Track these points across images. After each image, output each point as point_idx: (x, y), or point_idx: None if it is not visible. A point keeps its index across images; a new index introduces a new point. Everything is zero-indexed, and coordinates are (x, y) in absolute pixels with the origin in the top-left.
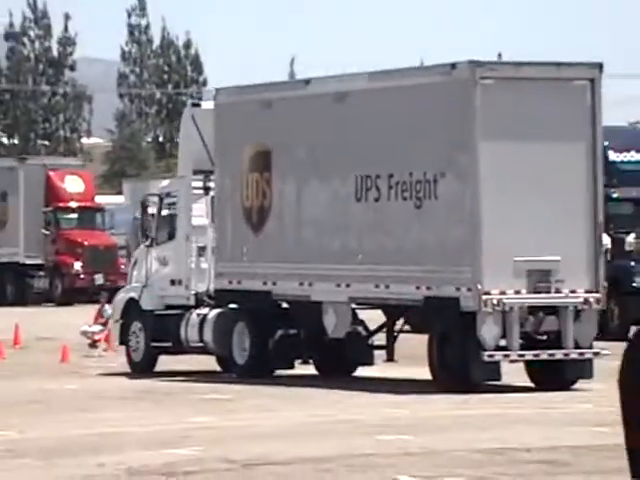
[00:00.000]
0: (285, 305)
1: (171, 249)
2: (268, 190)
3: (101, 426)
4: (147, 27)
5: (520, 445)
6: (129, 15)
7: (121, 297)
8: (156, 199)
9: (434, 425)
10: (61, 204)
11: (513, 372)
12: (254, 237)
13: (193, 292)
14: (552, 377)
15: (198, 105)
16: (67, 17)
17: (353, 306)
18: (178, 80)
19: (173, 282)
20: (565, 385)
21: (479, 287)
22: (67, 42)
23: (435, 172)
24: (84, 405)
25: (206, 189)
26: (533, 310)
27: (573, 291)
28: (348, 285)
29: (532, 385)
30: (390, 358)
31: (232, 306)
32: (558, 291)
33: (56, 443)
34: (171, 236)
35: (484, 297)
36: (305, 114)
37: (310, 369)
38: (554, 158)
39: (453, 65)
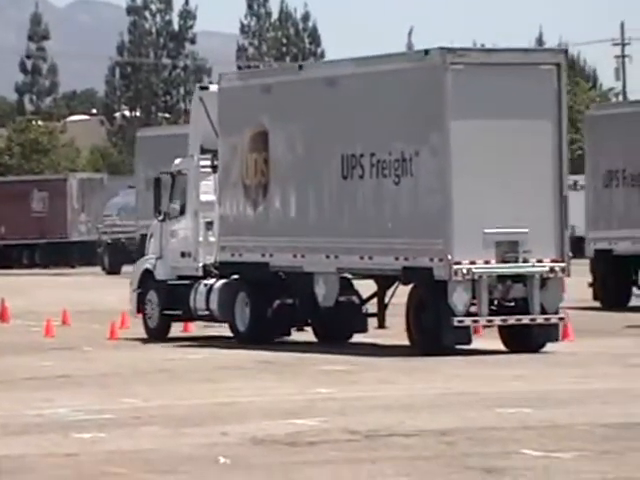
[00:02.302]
0: (282, 276)
1: (181, 223)
2: (265, 169)
3: (224, 396)
4: (266, 0)
5: None
6: None
7: (138, 268)
8: (168, 176)
9: (555, 399)
10: None
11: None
12: (253, 212)
13: (201, 264)
14: (522, 341)
15: (206, 88)
16: None
17: (349, 276)
18: (296, 53)
19: (183, 254)
20: (534, 348)
21: (450, 258)
22: (187, 15)
23: (411, 151)
24: (207, 375)
25: (214, 167)
26: (502, 279)
27: (540, 260)
28: (336, 257)
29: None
30: (381, 325)
31: (235, 277)
32: (525, 261)
33: (181, 412)
34: (182, 211)
35: (455, 267)
36: (299, 97)
37: (306, 336)
38: (522, 137)
39: (426, 51)
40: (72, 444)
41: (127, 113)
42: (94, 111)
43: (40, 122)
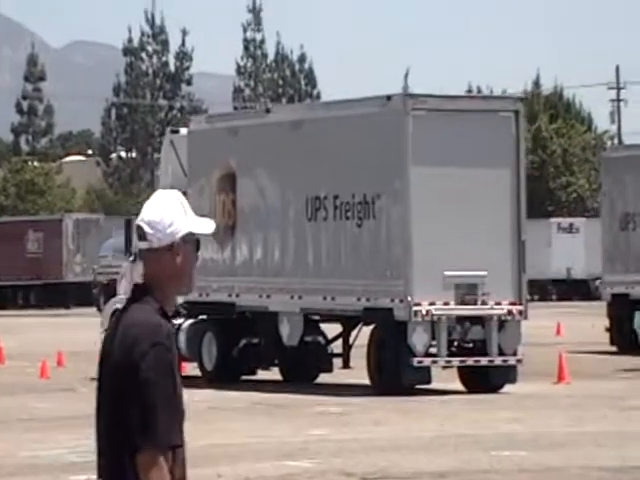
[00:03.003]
0: (249, 315)
1: None
2: (233, 210)
3: (218, 437)
4: (262, 42)
5: None
6: (244, 30)
7: (109, 308)
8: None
9: (550, 441)
10: None
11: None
12: (221, 253)
13: None
14: (480, 381)
15: (177, 132)
16: (184, 32)
17: (316, 318)
18: (292, 94)
19: None
20: (492, 389)
21: (409, 299)
22: (184, 57)
23: (372, 194)
24: (200, 416)
25: None
26: (460, 320)
27: (498, 303)
28: (300, 297)
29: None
30: (346, 365)
31: (202, 317)
32: (484, 303)
33: None
34: None
35: (415, 308)
36: (265, 140)
37: (273, 375)
38: (481, 182)
39: (389, 97)
40: None
41: (123, 154)
42: (90, 152)
43: (36, 163)
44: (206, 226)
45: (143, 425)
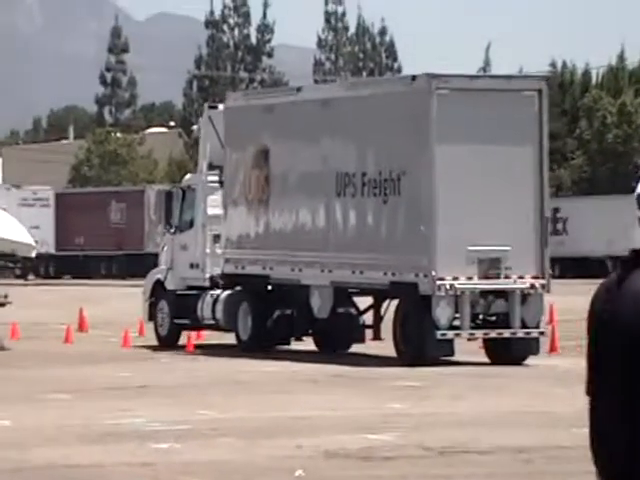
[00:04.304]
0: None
1: (190, 236)
2: (266, 185)
3: (298, 409)
4: (343, 14)
5: None
6: (326, 2)
7: (150, 278)
8: (179, 191)
9: None
10: None
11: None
12: (255, 227)
13: (208, 275)
14: (504, 353)
15: (215, 107)
16: (265, 5)
17: (349, 291)
18: (373, 67)
19: (192, 266)
20: (516, 361)
21: (434, 274)
22: (265, 29)
23: (398, 171)
24: (281, 387)
25: (221, 182)
26: (484, 294)
27: (521, 277)
28: (330, 271)
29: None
30: (377, 337)
31: (238, 288)
32: (507, 277)
33: (256, 424)
34: (190, 224)
35: (438, 282)
36: (297, 117)
37: (306, 345)
38: (504, 159)
39: (414, 77)
40: (149, 454)
41: None
42: (172, 123)
43: (119, 134)
44: None
45: None
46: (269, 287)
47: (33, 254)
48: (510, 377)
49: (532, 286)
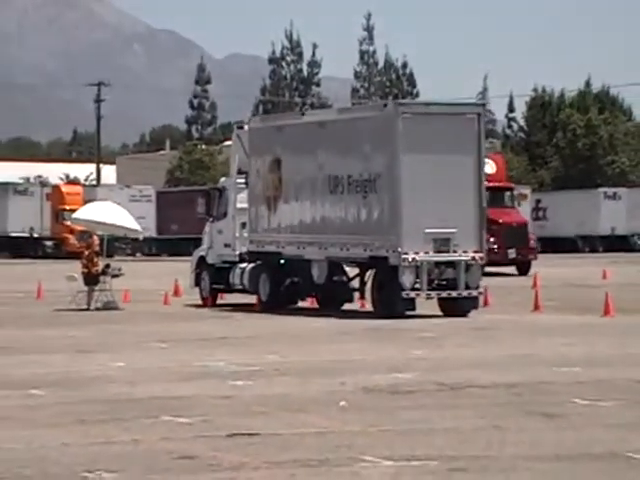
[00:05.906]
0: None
1: (225, 224)
2: (279, 185)
3: (342, 354)
4: (374, 52)
5: None
6: (360, 43)
7: (195, 254)
8: (216, 191)
9: (598, 360)
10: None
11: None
12: (271, 216)
13: (237, 252)
14: (453, 308)
15: (242, 127)
16: (315, 46)
17: (345, 264)
18: (397, 93)
19: (226, 245)
20: (462, 314)
21: (400, 250)
22: (314, 65)
23: (374, 175)
24: (328, 338)
25: (247, 183)
26: (437, 264)
27: (465, 251)
28: (326, 248)
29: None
30: (362, 297)
31: (259, 262)
32: (455, 252)
33: (309, 366)
34: (225, 215)
35: (404, 256)
36: (301, 135)
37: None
38: (453, 165)
39: (385, 104)
40: (228, 389)
41: None
42: None
43: (203, 146)
44: None
45: None
46: (282, 261)
47: (140, 237)
48: (504, 330)
49: (473, 258)
